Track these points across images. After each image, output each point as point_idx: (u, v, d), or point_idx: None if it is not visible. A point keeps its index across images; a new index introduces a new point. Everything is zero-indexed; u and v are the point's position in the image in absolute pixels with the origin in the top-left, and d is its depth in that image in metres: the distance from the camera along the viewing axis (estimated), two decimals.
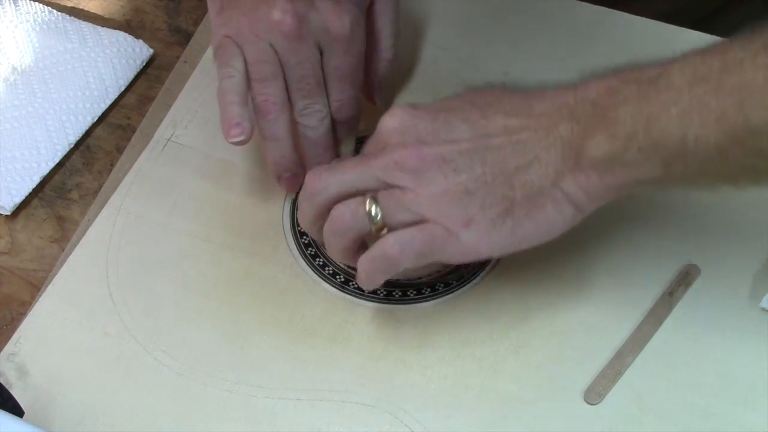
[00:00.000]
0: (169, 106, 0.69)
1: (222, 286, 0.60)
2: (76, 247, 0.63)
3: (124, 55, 0.72)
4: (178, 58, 0.72)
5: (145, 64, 0.72)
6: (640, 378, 0.56)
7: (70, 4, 0.77)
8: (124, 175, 0.66)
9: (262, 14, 0.57)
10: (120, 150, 0.68)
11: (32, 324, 0.59)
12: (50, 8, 0.75)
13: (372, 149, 0.53)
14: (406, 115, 0.53)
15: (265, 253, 0.62)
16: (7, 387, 0.54)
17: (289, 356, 0.57)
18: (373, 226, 0.51)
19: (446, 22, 0.73)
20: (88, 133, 0.70)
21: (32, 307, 0.60)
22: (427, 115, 0.52)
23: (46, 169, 0.67)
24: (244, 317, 0.59)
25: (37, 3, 0.76)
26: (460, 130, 0.51)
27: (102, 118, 0.70)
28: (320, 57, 0.59)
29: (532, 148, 0.50)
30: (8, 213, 0.65)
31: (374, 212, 0.51)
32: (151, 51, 0.73)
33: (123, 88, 0.71)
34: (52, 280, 0.61)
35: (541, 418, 0.55)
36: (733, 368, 0.56)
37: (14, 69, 0.72)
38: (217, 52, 0.59)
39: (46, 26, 0.74)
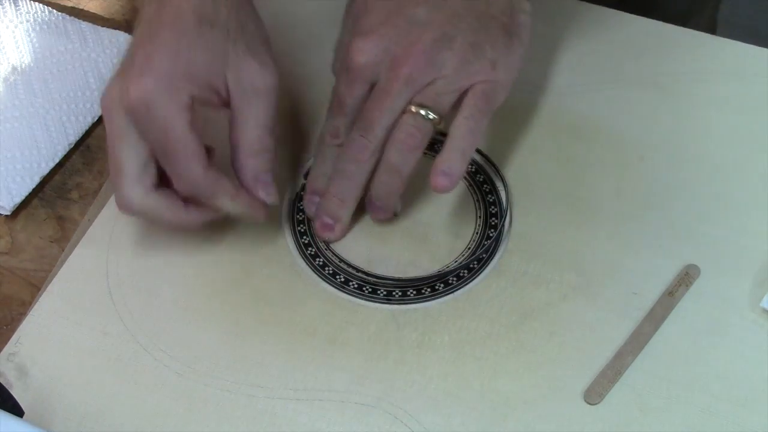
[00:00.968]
0: None
1: (222, 286, 0.60)
2: (76, 247, 0.63)
3: None
4: None
5: None
6: (640, 378, 0.56)
7: (70, 4, 0.77)
8: None
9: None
10: None
11: (32, 324, 0.59)
12: (50, 8, 0.75)
13: (358, 85, 0.57)
14: (370, 42, 0.56)
15: (265, 253, 0.62)
16: (7, 387, 0.54)
17: (289, 356, 0.57)
18: (435, 124, 0.57)
19: None
20: (88, 133, 0.70)
21: (32, 307, 0.60)
22: (389, 28, 0.56)
23: (46, 169, 0.67)
24: (244, 317, 0.59)
25: (37, 3, 0.76)
26: (422, 14, 0.56)
27: (102, 118, 0.70)
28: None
29: None
30: (8, 213, 0.65)
31: (426, 113, 0.57)
32: None
33: None
34: (52, 280, 0.61)
35: (541, 418, 0.55)
36: (733, 368, 0.56)
37: (14, 69, 0.72)
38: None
39: (46, 26, 0.74)
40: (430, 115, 0.56)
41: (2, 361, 0.58)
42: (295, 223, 0.63)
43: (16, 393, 0.55)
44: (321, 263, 0.61)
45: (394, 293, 0.60)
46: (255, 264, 0.61)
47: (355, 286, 0.60)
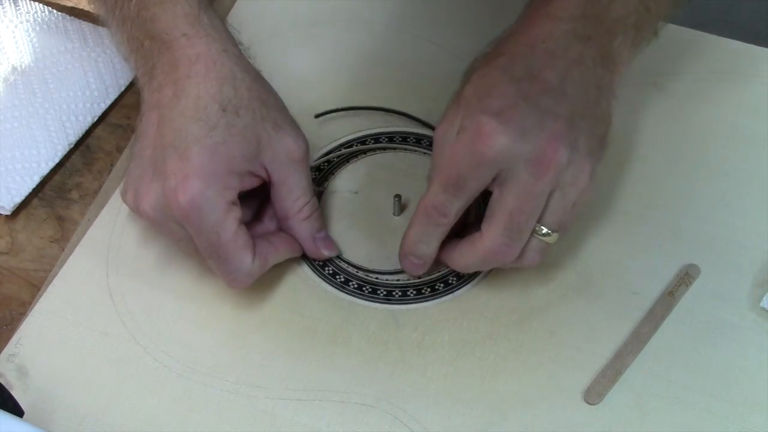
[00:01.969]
0: None
1: (222, 287, 0.60)
2: (76, 247, 0.63)
3: None
4: None
5: None
6: (640, 378, 0.56)
7: (70, 4, 0.77)
8: (124, 175, 0.66)
9: None
10: (120, 150, 0.68)
11: (32, 325, 0.59)
12: (50, 8, 0.75)
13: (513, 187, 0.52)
14: (503, 131, 0.51)
15: None
16: (7, 388, 0.54)
17: (289, 356, 0.57)
18: (548, 237, 0.54)
19: (445, 21, 0.73)
20: (88, 133, 0.70)
21: (32, 308, 0.60)
22: (520, 114, 0.51)
23: (46, 169, 0.67)
24: (244, 317, 0.59)
25: (37, 3, 0.76)
26: (548, 103, 0.52)
27: (102, 118, 0.70)
28: None
29: (588, 79, 0.53)
30: (8, 213, 0.65)
31: (547, 233, 0.54)
32: None
33: (123, 88, 0.71)
34: (52, 281, 0.61)
35: (541, 418, 0.55)
36: (733, 368, 0.56)
37: (14, 69, 0.72)
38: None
39: (46, 26, 0.74)
40: (551, 236, 0.54)
41: (2, 361, 0.58)
42: None
43: (17, 393, 0.55)
44: (321, 263, 0.61)
45: (394, 293, 0.60)
46: None
47: (355, 286, 0.60)
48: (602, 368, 0.56)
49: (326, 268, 0.61)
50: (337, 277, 0.61)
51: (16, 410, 0.53)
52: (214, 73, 0.55)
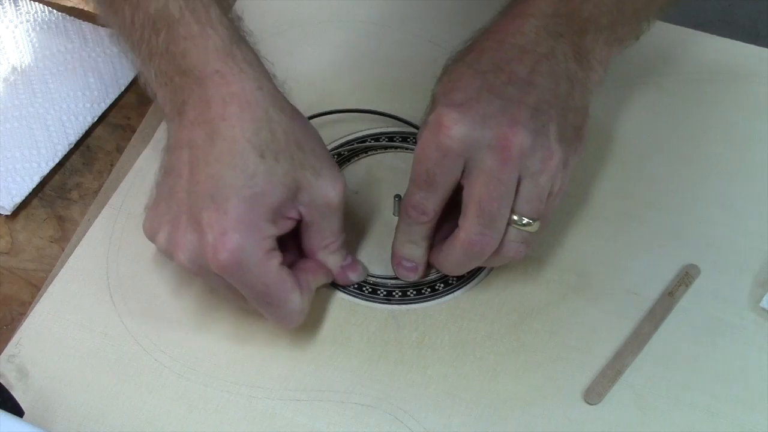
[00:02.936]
0: None
1: None
2: (76, 247, 0.63)
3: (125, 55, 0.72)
4: None
5: None
6: (640, 378, 0.56)
7: (70, 4, 0.77)
8: (124, 175, 0.66)
9: None
10: (120, 150, 0.68)
11: (33, 325, 0.59)
12: (50, 8, 0.75)
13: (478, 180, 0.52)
14: (462, 119, 0.51)
15: None
16: (7, 388, 0.54)
17: (289, 356, 0.57)
18: (529, 227, 0.53)
19: (446, 21, 0.73)
20: (88, 133, 0.70)
21: (32, 308, 0.60)
22: (482, 103, 0.51)
23: (46, 169, 0.67)
24: (244, 318, 0.59)
25: (37, 3, 0.76)
26: (513, 92, 0.52)
27: (102, 118, 0.70)
28: None
29: (559, 72, 0.53)
30: (8, 213, 0.65)
31: (528, 223, 0.53)
32: None
33: (123, 88, 0.71)
34: (53, 281, 0.61)
35: (541, 418, 0.55)
36: (733, 368, 0.56)
37: (14, 69, 0.72)
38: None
39: (46, 26, 0.74)
40: (531, 225, 0.53)
41: (3, 362, 0.58)
42: None
43: (17, 394, 0.55)
44: None
45: (394, 293, 0.60)
46: None
47: (355, 286, 0.60)
48: (602, 368, 0.56)
49: None
50: None
51: (16, 410, 0.53)
52: (249, 114, 0.52)
